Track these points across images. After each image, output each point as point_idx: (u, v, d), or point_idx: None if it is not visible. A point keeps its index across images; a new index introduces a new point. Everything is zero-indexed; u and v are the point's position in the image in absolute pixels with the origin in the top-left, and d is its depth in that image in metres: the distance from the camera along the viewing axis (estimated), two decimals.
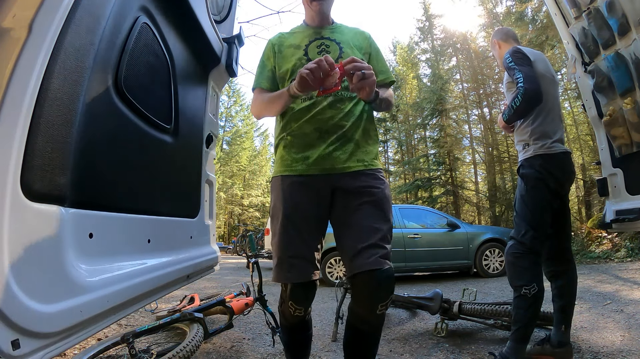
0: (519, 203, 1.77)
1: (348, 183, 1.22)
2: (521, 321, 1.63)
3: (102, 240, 0.92)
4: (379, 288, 1.09)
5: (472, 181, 18.40)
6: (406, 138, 20.84)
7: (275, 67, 1.32)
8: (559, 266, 1.81)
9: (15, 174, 0.64)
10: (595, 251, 7.26)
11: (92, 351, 1.64)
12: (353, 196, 1.21)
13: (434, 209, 7.64)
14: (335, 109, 1.23)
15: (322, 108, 1.23)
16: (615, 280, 4.44)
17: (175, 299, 3.34)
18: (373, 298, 1.10)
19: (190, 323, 1.86)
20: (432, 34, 18.76)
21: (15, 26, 0.67)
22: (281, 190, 1.26)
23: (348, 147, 1.24)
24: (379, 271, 1.08)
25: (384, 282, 1.09)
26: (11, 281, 0.62)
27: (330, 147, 1.22)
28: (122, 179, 1.08)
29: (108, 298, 0.88)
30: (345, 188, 1.22)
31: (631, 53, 1.89)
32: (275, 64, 1.32)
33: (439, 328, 2.48)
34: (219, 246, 3.27)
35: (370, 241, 1.12)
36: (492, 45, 2.09)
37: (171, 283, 1.37)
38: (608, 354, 1.89)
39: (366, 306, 1.13)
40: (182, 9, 1.40)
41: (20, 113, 0.65)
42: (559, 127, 1.78)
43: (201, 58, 1.70)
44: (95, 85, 0.90)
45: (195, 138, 1.73)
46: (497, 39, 2.04)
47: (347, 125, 1.23)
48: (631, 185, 2.02)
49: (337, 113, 1.23)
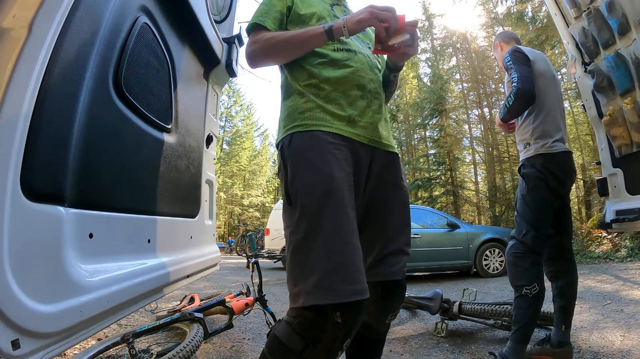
0: (519, 202, 1.77)
1: (386, 167, 1.01)
2: (521, 321, 1.63)
3: (102, 240, 0.92)
4: (396, 299, 1.01)
5: (472, 181, 18.40)
6: (406, 138, 20.81)
7: (291, 7, 1.05)
8: (559, 266, 1.81)
9: (15, 174, 0.64)
10: (595, 251, 7.26)
11: (92, 351, 1.64)
12: (390, 186, 1.02)
13: (434, 209, 7.64)
14: (375, 74, 1.04)
15: (364, 67, 1.01)
16: (615, 280, 4.44)
17: (175, 299, 3.34)
18: (386, 309, 1.01)
19: (190, 323, 1.86)
20: (432, 33, 18.76)
21: (15, 26, 0.67)
22: (328, 152, 0.88)
23: (384, 120, 1.05)
24: (400, 282, 0.99)
25: (401, 293, 1.01)
26: (11, 281, 0.62)
27: (376, 114, 1.00)
28: (122, 179, 1.08)
29: (108, 298, 0.88)
30: (383, 172, 1.01)
31: (631, 53, 1.89)
32: (294, 4, 1.06)
33: (439, 328, 2.48)
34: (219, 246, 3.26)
35: (397, 246, 0.99)
36: (494, 47, 2.10)
37: (171, 283, 1.37)
38: (608, 354, 1.89)
39: (378, 316, 1.01)
40: (182, 9, 1.40)
41: (20, 113, 0.65)
42: (560, 126, 1.78)
43: (201, 58, 1.70)
44: (95, 85, 0.90)
45: (195, 138, 1.73)
46: (499, 41, 2.05)
47: (383, 96, 1.06)
48: (631, 185, 2.02)
49: (377, 78, 1.05)
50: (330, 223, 0.82)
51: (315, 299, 0.78)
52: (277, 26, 1.03)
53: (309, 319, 0.80)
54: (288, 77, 1.04)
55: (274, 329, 0.86)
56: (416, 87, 20.10)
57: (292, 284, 0.85)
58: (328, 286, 0.79)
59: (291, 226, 0.87)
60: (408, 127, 20.12)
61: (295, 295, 0.83)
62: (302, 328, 0.80)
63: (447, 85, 16.68)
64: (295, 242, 0.85)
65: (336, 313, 0.78)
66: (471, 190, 17.42)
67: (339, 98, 0.96)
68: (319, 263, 0.81)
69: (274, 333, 0.85)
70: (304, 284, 0.81)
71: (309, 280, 0.80)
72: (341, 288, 0.78)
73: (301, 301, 0.80)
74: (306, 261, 0.82)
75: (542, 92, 1.76)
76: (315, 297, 0.79)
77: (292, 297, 0.84)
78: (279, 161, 0.96)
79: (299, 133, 0.92)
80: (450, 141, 16.10)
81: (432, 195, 16.38)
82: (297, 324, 0.81)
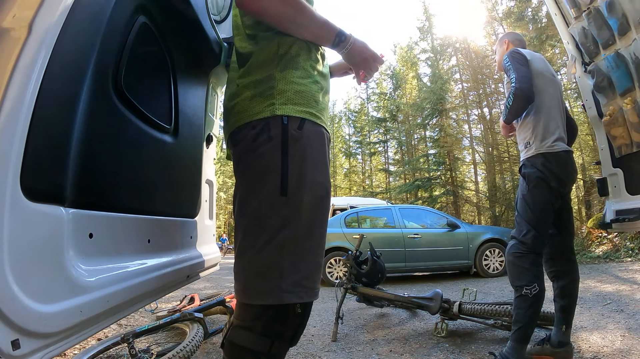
0: (520, 202, 1.77)
1: None
2: (521, 321, 1.63)
3: (102, 240, 0.92)
4: None
5: (472, 181, 18.41)
6: (406, 138, 20.84)
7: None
8: (561, 266, 1.81)
9: (15, 174, 0.64)
10: (595, 251, 7.26)
11: (92, 351, 1.64)
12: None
13: (434, 209, 7.64)
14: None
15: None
16: (615, 280, 4.44)
17: (175, 299, 3.34)
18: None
19: (190, 323, 1.86)
20: (432, 33, 18.77)
21: (15, 26, 0.67)
22: (327, 150, 0.91)
23: None
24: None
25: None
26: (11, 281, 0.62)
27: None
28: (122, 179, 1.08)
29: (108, 298, 0.88)
30: None
31: (631, 53, 1.89)
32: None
33: (439, 328, 2.48)
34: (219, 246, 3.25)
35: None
36: (499, 42, 2.10)
37: (171, 283, 1.37)
38: (608, 354, 1.89)
39: None
40: (182, 8, 1.40)
41: (20, 113, 0.65)
42: (560, 125, 1.78)
43: (201, 58, 1.70)
44: (95, 85, 0.89)
45: (195, 138, 1.73)
46: (508, 39, 2.06)
47: None
48: (631, 185, 2.02)
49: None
50: (321, 226, 0.85)
51: (298, 298, 0.78)
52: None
53: (271, 318, 0.78)
54: (294, 46, 0.91)
55: (231, 339, 0.81)
56: (416, 87, 20.11)
57: (261, 280, 0.78)
58: (309, 286, 0.80)
59: (280, 218, 0.80)
60: (408, 127, 20.14)
61: (263, 292, 0.78)
62: (265, 327, 0.78)
63: (447, 85, 16.71)
64: (284, 237, 0.79)
65: (297, 305, 0.79)
66: (471, 190, 17.43)
67: (326, 99, 0.97)
68: (305, 264, 0.80)
69: (234, 342, 0.80)
70: (279, 281, 0.78)
71: (289, 278, 0.78)
72: (316, 287, 0.83)
73: (273, 299, 0.77)
74: (292, 260, 0.79)
75: (541, 90, 1.77)
76: (297, 296, 0.78)
77: (256, 294, 0.78)
78: (270, 134, 0.81)
79: (311, 123, 0.85)
80: (450, 141, 16.12)
81: (432, 195, 16.40)
82: (259, 326, 0.78)
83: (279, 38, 0.90)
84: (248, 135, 0.84)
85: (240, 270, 0.82)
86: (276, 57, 0.89)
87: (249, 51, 0.92)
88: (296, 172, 0.81)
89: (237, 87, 0.92)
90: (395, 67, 22.73)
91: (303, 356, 2.15)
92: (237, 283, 0.83)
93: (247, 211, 0.83)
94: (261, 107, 0.84)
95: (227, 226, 26.21)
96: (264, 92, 0.85)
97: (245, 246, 0.82)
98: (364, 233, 3.84)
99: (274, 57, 0.89)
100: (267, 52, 0.90)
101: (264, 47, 0.90)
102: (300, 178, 0.81)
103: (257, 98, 0.85)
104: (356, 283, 2.90)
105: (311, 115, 0.86)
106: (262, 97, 0.85)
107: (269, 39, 0.91)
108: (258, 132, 0.83)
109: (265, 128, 0.82)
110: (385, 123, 22.25)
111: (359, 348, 2.28)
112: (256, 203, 0.82)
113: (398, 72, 21.82)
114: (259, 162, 0.82)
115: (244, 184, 0.85)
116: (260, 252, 0.79)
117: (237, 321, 0.82)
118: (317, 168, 0.84)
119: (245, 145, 0.85)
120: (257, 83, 0.87)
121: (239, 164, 0.87)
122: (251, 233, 0.81)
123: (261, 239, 0.80)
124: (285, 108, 0.83)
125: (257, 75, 0.88)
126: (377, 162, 26.71)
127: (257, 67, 0.89)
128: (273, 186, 0.80)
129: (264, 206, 0.81)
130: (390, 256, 5.24)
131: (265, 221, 0.80)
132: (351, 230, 5.70)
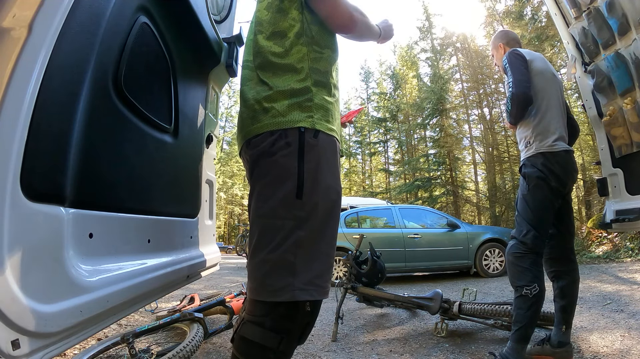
0: (520, 202, 1.77)
1: None
2: (521, 321, 1.63)
3: (102, 240, 0.92)
4: None
5: (472, 181, 18.42)
6: (406, 138, 20.84)
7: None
8: (561, 266, 1.81)
9: (15, 174, 0.64)
10: (595, 251, 7.26)
11: (92, 351, 1.64)
12: None
13: (434, 209, 7.65)
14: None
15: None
16: (615, 280, 4.44)
17: (175, 299, 3.34)
18: None
19: (190, 323, 1.86)
20: (432, 33, 18.77)
21: (15, 26, 0.67)
22: (339, 157, 0.98)
23: None
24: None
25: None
26: (11, 281, 0.62)
27: None
28: (122, 179, 1.08)
29: (108, 298, 0.88)
30: None
31: (631, 53, 1.89)
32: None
33: (439, 328, 2.48)
34: (219, 246, 3.26)
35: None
36: (495, 47, 2.08)
37: (171, 283, 1.37)
38: (608, 354, 1.89)
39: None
40: (182, 8, 1.40)
41: (20, 113, 0.65)
42: (560, 124, 1.78)
43: (201, 58, 1.70)
44: (95, 85, 0.89)
45: (195, 138, 1.73)
46: (501, 42, 2.04)
47: None
48: (631, 185, 2.02)
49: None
50: (333, 228, 0.90)
51: (309, 295, 0.82)
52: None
53: (280, 314, 0.83)
54: (322, 62, 0.97)
55: (242, 333, 0.84)
56: (416, 87, 20.11)
57: (275, 277, 0.82)
58: (320, 285, 0.85)
59: (295, 220, 0.84)
60: (408, 127, 20.14)
61: (276, 289, 0.81)
62: (275, 323, 0.82)
63: (447, 84, 16.70)
64: (298, 237, 0.84)
65: (307, 303, 0.84)
66: (471, 190, 17.43)
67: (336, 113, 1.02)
68: (317, 264, 0.85)
69: (244, 336, 0.83)
70: (292, 279, 0.81)
71: (301, 276, 0.82)
72: (327, 286, 0.87)
73: (286, 296, 0.81)
74: (305, 259, 0.83)
75: (541, 90, 1.77)
76: (309, 294, 0.82)
77: (269, 291, 0.82)
78: (288, 141, 0.87)
79: (325, 135, 0.91)
80: (450, 141, 16.11)
81: (432, 195, 16.40)
82: (269, 321, 0.82)
83: (308, 46, 0.96)
84: (266, 141, 0.89)
85: (255, 268, 0.86)
86: (308, 67, 0.94)
87: (277, 52, 0.95)
88: (311, 176, 0.86)
89: (270, 89, 0.93)
90: (395, 67, 22.77)
91: (303, 356, 2.15)
92: (251, 280, 0.87)
93: (263, 212, 0.87)
94: (300, 117, 0.89)
95: (227, 227, 26.21)
96: (302, 103, 0.91)
97: (261, 245, 0.85)
98: (364, 233, 3.83)
99: (306, 66, 0.94)
100: (299, 58, 0.94)
101: (295, 53, 0.95)
102: (315, 182, 0.86)
103: (295, 107, 0.90)
104: (356, 283, 2.90)
105: (323, 126, 0.92)
106: (301, 108, 0.90)
107: (300, 44, 0.95)
108: (276, 138, 0.88)
109: (283, 135, 0.88)
110: (386, 123, 22.25)
111: (359, 348, 2.28)
112: (273, 204, 0.86)
113: (398, 72, 21.83)
114: (276, 166, 0.87)
115: (260, 186, 0.90)
116: (275, 251, 0.83)
117: (248, 316, 0.85)
118: (330, 173, 0.90)
119: (262, 150, 0.89)
120: (295, 92, 0.91)
121: (255, 167, 0.92)
122: (267, 233, 0.85)
123: (276, 239, 0.84)
124: (321, 123, 0.91)
125: (294, 84, 0.92)
126: (377, 162, 26.71)
127: (290, 72, 0.93)
128: (289, 190, 0.84)
129: (280, 207, 0.85)
130: (390, 256, 5.23)
131: (280, 222, 0.84)
132: (351, 230, 5.70)
